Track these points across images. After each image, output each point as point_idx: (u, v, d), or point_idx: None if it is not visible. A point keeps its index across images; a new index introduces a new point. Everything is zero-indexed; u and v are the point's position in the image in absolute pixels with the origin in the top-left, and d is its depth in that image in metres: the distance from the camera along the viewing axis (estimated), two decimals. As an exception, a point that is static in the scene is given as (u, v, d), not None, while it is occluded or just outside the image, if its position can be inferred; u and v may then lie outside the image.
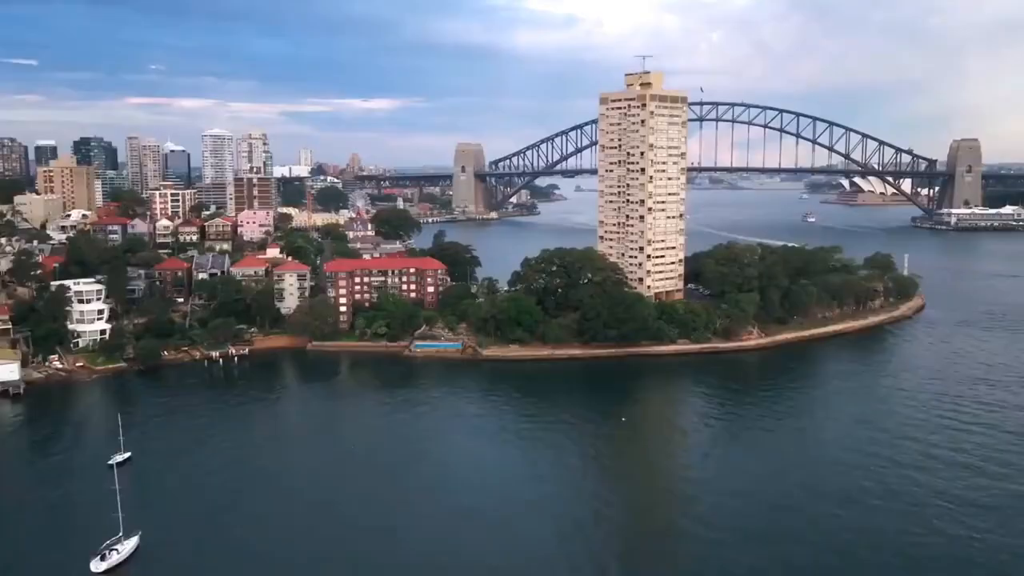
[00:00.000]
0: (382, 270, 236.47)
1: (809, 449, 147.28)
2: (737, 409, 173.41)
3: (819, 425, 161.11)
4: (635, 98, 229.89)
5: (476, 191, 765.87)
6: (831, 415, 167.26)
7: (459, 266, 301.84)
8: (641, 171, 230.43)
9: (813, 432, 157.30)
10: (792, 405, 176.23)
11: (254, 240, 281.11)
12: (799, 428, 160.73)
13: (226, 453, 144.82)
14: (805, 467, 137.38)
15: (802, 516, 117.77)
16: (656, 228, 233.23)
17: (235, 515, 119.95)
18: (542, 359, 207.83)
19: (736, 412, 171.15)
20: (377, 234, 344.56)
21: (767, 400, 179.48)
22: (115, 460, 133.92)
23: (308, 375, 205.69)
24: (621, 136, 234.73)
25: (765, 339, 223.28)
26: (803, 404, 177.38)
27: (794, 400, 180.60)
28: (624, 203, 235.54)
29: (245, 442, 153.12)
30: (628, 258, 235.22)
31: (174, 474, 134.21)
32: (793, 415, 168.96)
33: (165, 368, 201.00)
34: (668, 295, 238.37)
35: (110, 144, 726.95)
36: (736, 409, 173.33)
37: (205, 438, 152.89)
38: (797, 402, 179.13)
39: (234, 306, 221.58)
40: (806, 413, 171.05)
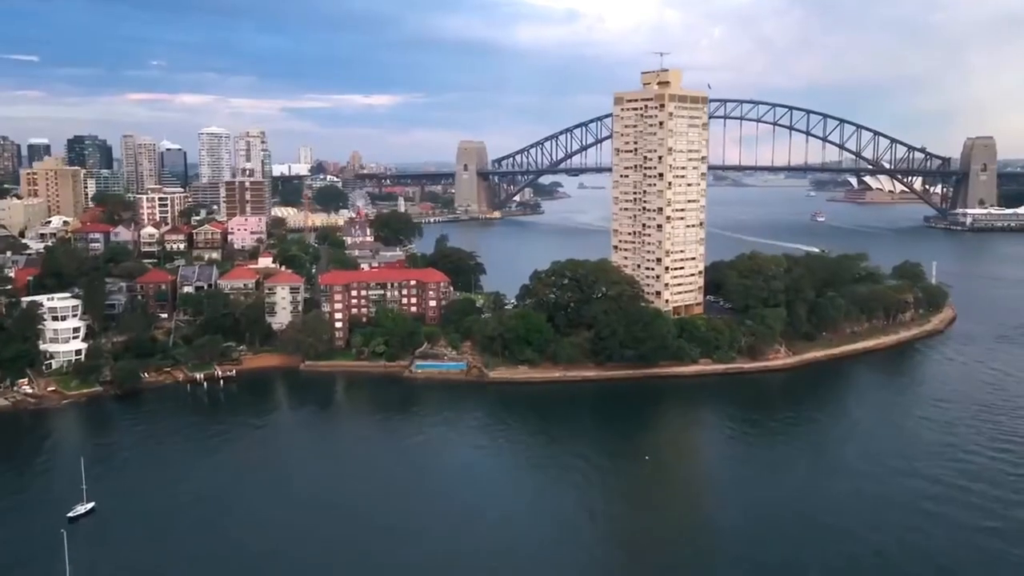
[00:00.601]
0: (380, 282, 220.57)
1: (845, 493, 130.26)
2: (765, 441, 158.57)
3: (853, 464, 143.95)
4: (652, 98, 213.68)
5: (479, 190, 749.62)
6: (866, 451, 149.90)
7: (463, 274, 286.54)
8: (659, 176, 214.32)
9: (847, 472, 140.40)
10: (824, 436, 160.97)
11: (245, 248, 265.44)
12: (832, 466, 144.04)
13: (205, 503, 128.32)
14: (845, 512, 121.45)
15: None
16: (675, 238, 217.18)
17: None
18: (553, 382, 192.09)
19: (764, 446, 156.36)
20: (376, 239, 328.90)
21: (797, 431, 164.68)
22: (76, 512, 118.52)
23: (300, 399, 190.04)
24: (637, 139, 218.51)
25: (793, 358, 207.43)
26: (836, 435, 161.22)
27: (826, 431, 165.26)
28: (640, 211, 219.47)
29: (227, 485, 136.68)
30: (644, 270, 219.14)
31: (142, 532, 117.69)
32: (825, 450, 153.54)
33: (145, 392, 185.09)
34: (687, 309, 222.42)
35: (105, 142, 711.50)
36: (764, 441, 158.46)
37: (181, 479, 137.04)
38: (829, 433, 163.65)
39: (222, 322, 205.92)
40: (839, 446, 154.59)
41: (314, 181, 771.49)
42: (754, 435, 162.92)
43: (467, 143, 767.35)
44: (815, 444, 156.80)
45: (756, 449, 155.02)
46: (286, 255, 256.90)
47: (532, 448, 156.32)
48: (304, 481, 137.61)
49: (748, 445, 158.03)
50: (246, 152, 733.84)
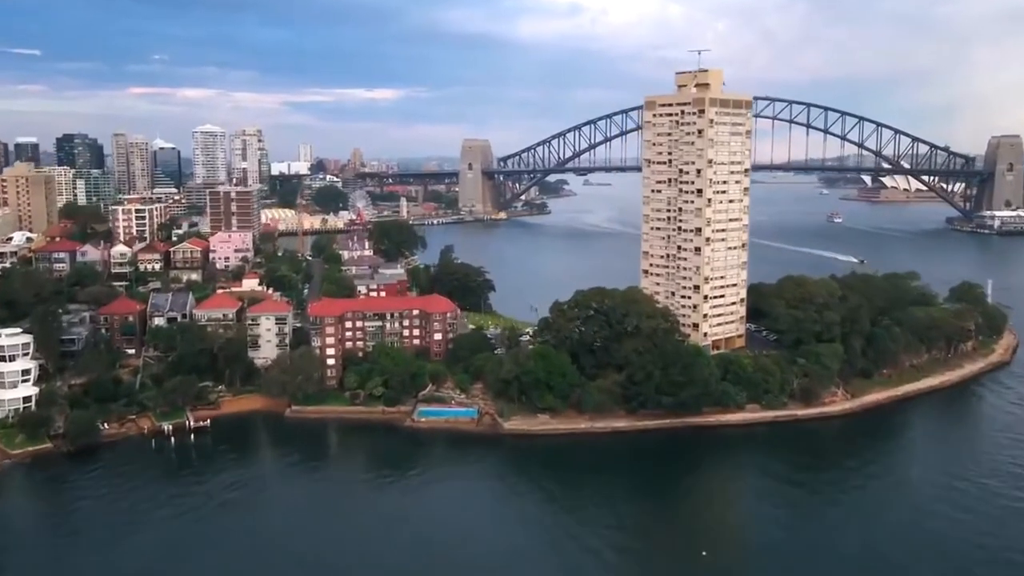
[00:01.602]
0: (379, 312, 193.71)
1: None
2: (829, 516, 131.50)
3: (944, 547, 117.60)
4: (690, 102, 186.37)
5: (483, 189, 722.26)
6: (953, 530, 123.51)
7: (470, 294, 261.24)
8: (697, 193, 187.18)
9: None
10: (909, 508, 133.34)
11: (229, 268, 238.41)
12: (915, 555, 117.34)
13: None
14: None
15: None
16: (715, 262, 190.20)
17: None
18: (579, 434, 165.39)
19: (830, 523, 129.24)
20: (376, 252, 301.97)
21: (864, 498, 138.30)
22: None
23: (283, 454, 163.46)
24: (672, 149, 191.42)
25: (851, 402, 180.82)
26: (921, 506, 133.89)
27: (901, 498, 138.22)
28: (675, 231, 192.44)
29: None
30: (679, 298, 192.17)
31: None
32: (916, 527, 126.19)
33: (103, 448, 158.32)
34: (728, 342, 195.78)
35: (95, 141, 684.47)
36: (828, 516, 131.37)
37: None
38: (906, 501, 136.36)
39: (197, 359, 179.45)
40: (926, 523, 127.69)
41: (313, 181, 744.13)
42: (811, 495, 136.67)
43: (471, 141, 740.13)
44: (901, 524, 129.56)
45: (833, 532, 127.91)
46: (274, 276, 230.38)
47: (552, 521, 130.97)
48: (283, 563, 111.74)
49: (819, 523, 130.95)
50: (242, 151, 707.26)
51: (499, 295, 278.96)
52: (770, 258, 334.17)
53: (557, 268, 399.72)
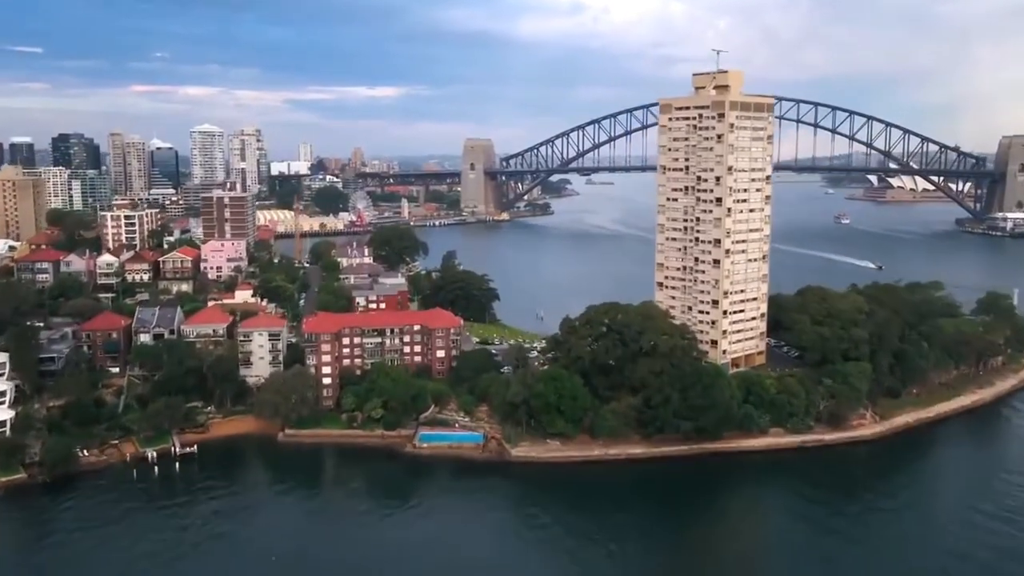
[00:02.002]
0: (378, 328, 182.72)
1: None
2: (858, 553, 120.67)
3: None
4: (709, 106, 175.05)
5: (486, 190, 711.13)
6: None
7: (474, 303, 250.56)
8: (716, 202, 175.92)
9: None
10: (932, 554, 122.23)
11: (221, 278, 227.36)
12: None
13: None
14: None
15: None
16: (735, 275, 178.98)
17: None
18: (592, 462, 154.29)
19: (859, 561, 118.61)
20: (376, 259, 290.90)
21: (895, 533, 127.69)
22: None
23: (274, 482, 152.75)
24: (689, 155, 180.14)
25: (881, 425, 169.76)
26: (949, 550, 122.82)
27: (934, 535, 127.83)
28: (692, 242, 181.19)
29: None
30: (697, 313, 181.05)
31: None
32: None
33: (82, 477, 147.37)
34: (748, 359, 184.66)
35: (91, 141, 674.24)
36: (857, 553, 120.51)
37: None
38: (939, 541, 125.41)
39: (184, 379, 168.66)
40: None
41: (313, 181, 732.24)
42: (849, 543, 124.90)
43: (473, 141, 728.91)
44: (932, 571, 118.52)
45: (862, 572, 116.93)
46: (268, 286, 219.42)
47: (563, 556, 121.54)
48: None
49: (848, 560, 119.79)
50: (241, 151, 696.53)
51: (504, 303, 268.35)
52: (782, 263, 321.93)
53: (563, 273, 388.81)
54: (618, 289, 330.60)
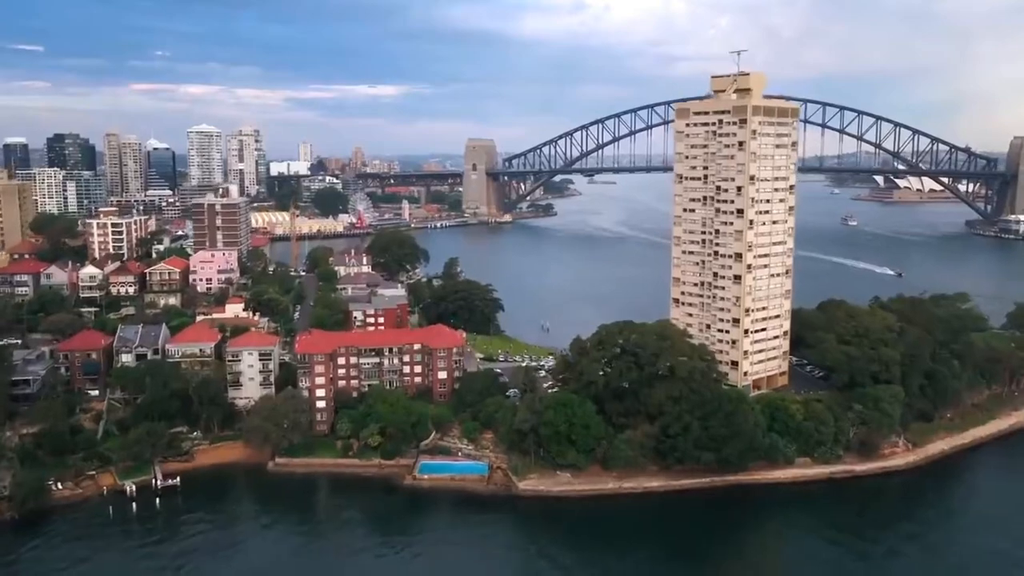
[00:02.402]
0: (376, 348, 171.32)
1: None
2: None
3: None
4: (730, 111, 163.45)
5: (488, 191, 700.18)
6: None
7: (477, 314, 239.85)
8: (738, 213, 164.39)
9: None
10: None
11: (211, 291, 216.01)
12: None
13: None
14: None
15: None
16: (757, 292, 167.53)
17: None
18: (606, 495, 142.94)
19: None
20: (375, 267, 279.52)
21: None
22: None
23: (262, 516, 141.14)
24: (708, 163, 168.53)
25: (915, 453, 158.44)
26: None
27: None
28: (711, 256, 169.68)
29: None
30: (716, 332, 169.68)
31: None
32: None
33: (55, 513, 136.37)
34: (770, 380, 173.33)
35: (87, 141, 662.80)
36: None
37: None
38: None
39: (168, 403, 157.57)
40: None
41: (312, 182, 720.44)
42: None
43: (476, 141, 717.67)
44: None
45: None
46: (261, 299, 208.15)
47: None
48: None
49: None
50: (239, 151, 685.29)
51: (508, 313, 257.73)
52: (797, 269, 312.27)
53: (568, 279, 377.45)
54: (626, 296, 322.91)
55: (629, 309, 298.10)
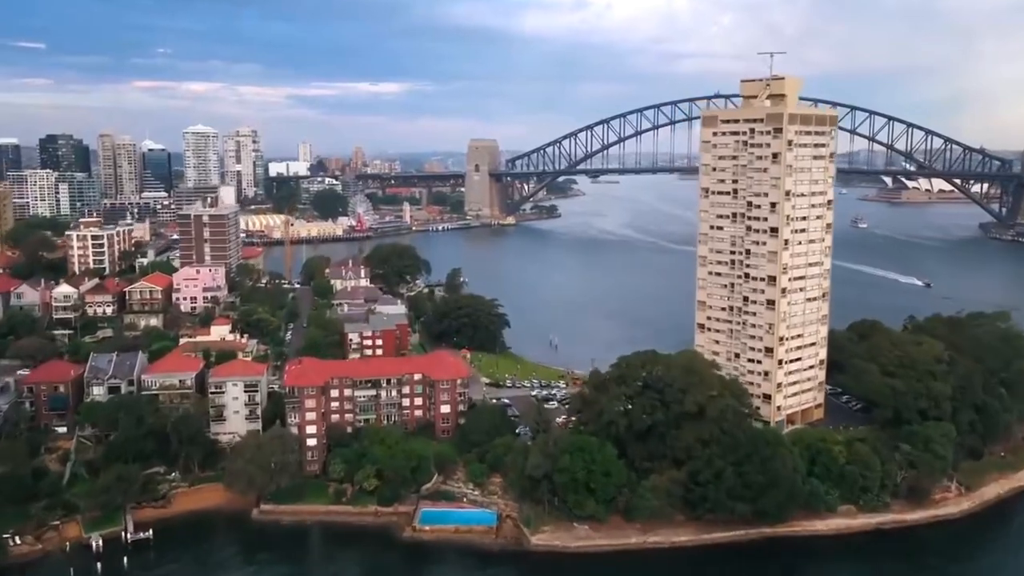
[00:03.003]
0: (372, 379, 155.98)
1: None
2: None
3: None
4: (763, 119, 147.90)
5: (491, 192, 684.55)
6: None
7: (482, 332, 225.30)
8: (771, 232, 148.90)
9: None
10: None
11: (195, 311, 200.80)
12: None
13: None
14: None
15: None
16: (792, 318, 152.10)
17: None
18: (628, 550, 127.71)
19: None
20: (374, 280, 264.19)
21: None
22: None
23: (244, 572, 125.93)
24: (737, 176, 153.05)
25: (968, 498, 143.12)
26: None
27: None
28: (740, 278, 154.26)
29: None
30: (746, 362, 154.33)
31: None
32: None
33: (10, 573, 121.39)
34: (804, 414, 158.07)
35: (80, 142, 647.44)
36: None
37: None
38: None
39: (143, 443, 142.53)
40: None
41: (311, 183, 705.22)
42: None
43: (478, 142, 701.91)
44: None
45: None
46: (249, 319, 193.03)
47: None
48: None
49: None
50: (236, 152, 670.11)
51: (515, 327, 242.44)
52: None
53: (576, 287, 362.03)
54: (636, 307, 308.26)
55: (641, 323, 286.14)
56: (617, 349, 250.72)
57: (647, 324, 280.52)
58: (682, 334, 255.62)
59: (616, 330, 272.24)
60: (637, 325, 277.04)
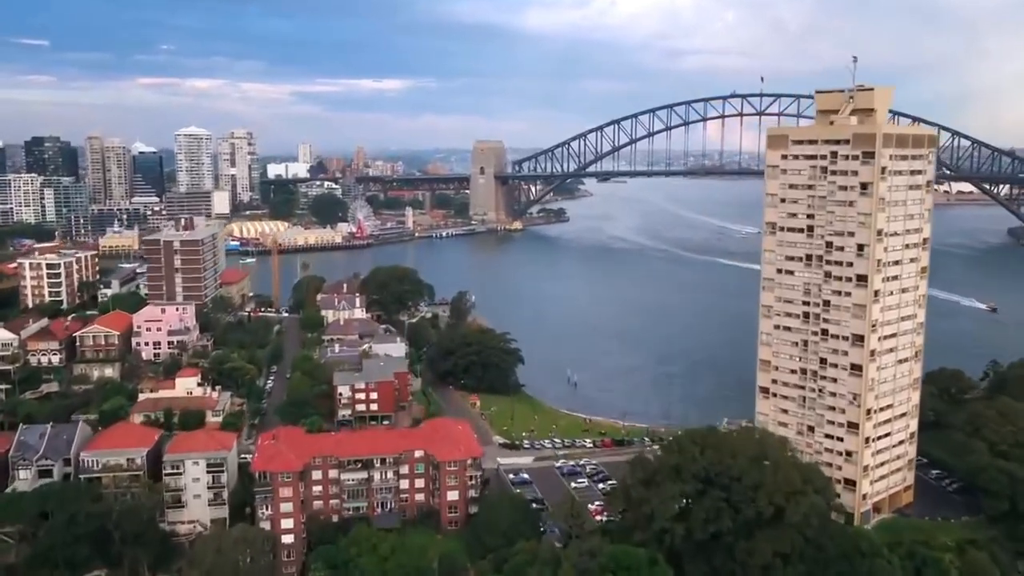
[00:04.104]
0: (363, 458, 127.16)
1: None
2: None
3: None
4: (850, 140, 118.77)
5: (497, 196, 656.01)
6: None
7: (492, 371, 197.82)
8: (858, 280, 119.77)
9: None
10: None
11: (159, 358, 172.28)
12: None
13: None
14: None
15: None
16: (882, 385, 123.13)
17: None
18: None
19: None
20: (370, 308, 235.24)
21: None
22: None
23: None
24: (814, 210, 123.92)
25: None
26: None
27: None
28: (816, 336, 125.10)
29: None
30: (823, 436, 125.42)
31: None
32: None
33: None
34: (891, 500, 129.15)
35: (68, 144, 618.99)
36: None
37: None
38: None
39: (76, 547, 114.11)
40: None
41: (310, 187, 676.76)
42: None
43: (483, 143, 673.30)
44: None
45: None
46: (222, 367, 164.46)
47: None
48: None
49: None
50: (231, 155, 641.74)
51: (527, 354, 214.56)
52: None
53: (590, 306, 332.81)
54: (660, 332, 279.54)
55: (668, 353, 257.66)
56: (644, 390, 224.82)
57: (676, 354, 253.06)
58: (718, 369, 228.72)
59: (640, 361, 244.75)
60: (664, 356, 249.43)
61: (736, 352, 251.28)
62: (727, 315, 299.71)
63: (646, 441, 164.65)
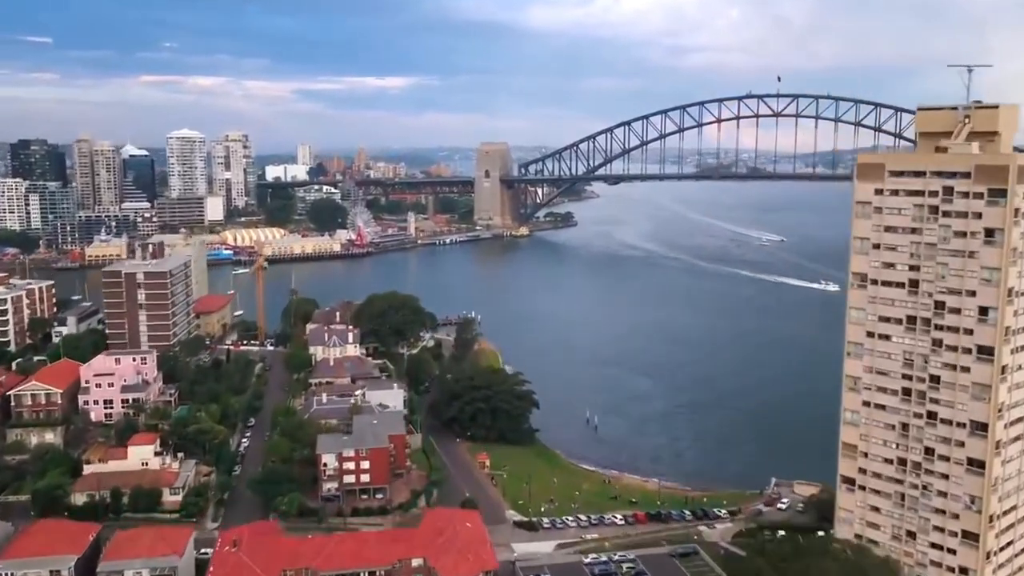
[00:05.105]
0: (346, 572, 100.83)
1: None
2: None
3: None
4: (970, 173, 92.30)
5: (502, 200, 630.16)
6: None
7: (502, 418, 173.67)
8: (979, 352, 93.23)
9: None
10: None
11: (111, 418, 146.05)
12: None
13: None
14: None
15: None
16: (1007, 483, 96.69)
17: None
18: None
19: None
20: (365, 340, 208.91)
21: None
22: None
23: None
24: (919, 260, 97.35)
25: None
26: None
27: None
28: (921, 419, 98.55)
29: None
30: (928, 546, 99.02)
31: None
32: None
33: None
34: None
35: (56, 147, 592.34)
36: None
37: None
38: None
39: None
40: None
41: (308, 192, 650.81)
42: None
43: (488, 145, 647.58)
44: None
45: None
46: (186, 432, 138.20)
47: None
48: None
49: None
50: (225, 159, 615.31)
51: (540, 395, 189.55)
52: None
53: (604, 325, 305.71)
54: (686, 362, 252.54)
55: (693, 384, 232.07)
56: (671, 433, 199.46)
57: (702, 385, 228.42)
58: (754, 409, 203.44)
59: (663, 397, 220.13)
60: (690, 390, 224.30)
61: (775, 387, 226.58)
62: (761, 340, 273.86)
63: (686, 515, 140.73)
